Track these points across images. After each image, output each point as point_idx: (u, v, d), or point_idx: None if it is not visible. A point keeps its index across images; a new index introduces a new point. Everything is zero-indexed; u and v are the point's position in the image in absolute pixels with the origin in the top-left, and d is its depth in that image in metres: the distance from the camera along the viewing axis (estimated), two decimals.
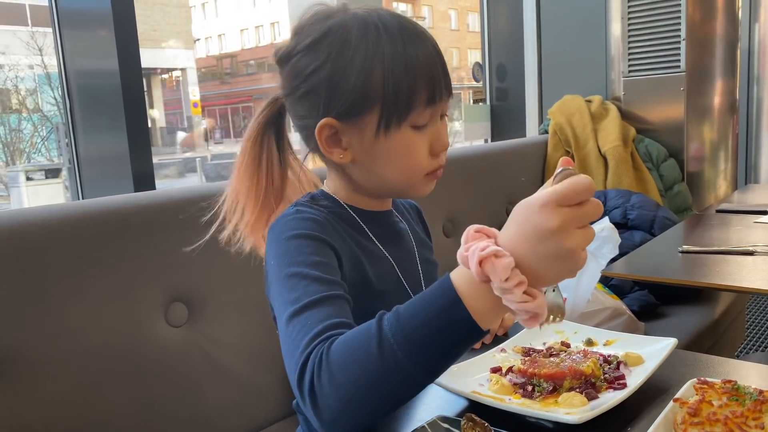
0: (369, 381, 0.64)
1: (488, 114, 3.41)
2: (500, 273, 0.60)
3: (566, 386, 0.73)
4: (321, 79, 0.82)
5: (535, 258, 0.61)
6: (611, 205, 2.24)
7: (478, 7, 3.46)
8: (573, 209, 0.60)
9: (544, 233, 0.60)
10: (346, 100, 0.81)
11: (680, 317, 1.90)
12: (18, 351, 0.98)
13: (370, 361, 0.63)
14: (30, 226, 1.04)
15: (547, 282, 0.62)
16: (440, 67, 0.83)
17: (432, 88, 0.81)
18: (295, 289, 0.75)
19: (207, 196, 1.29)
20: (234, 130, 38.21)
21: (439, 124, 0.86)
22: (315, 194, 0.93)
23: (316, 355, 0.66)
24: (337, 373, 0.64)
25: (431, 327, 0.63)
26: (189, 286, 1.21)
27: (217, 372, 1.22)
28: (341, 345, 0.66)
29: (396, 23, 0.83)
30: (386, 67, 0.79)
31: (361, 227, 0.91)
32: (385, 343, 0.63)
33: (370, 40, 0.80)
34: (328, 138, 0.85)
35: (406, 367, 0.63)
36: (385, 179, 0.87)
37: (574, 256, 0.61)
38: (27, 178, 6.55)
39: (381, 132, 0.82)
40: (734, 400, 0.64)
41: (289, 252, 0.79)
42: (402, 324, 0.64)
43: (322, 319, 0.70)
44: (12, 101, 12.47)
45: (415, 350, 0.63)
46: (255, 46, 37.34)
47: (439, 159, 0.87)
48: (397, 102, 0.80)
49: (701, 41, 2.62)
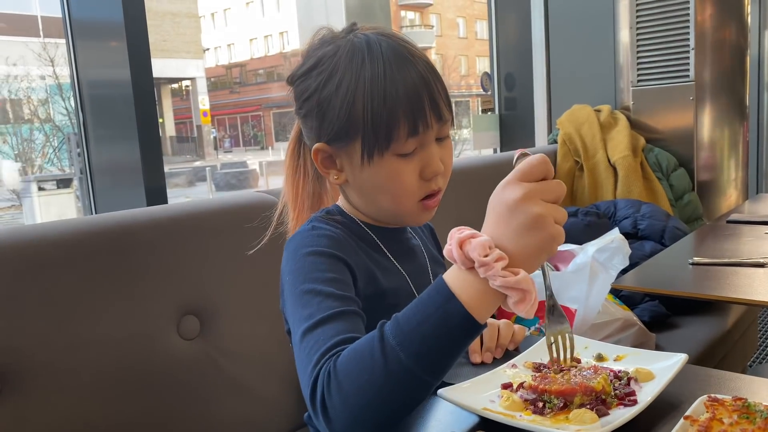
0: (376, 386, 0.66)
1: (497, 123, 3.41)
2: (478, 249, 0.65)
3: (577, 402, 0.73)
4: (312, 105, 0.86)
5: (509, 233, 0.66)
6: (621, 215, 2.24)
7: (486, 14, 3.47)
8: (534, 183, 0.66)
9: (511, 205, 0.66)
10: (333, 128, 0.84)
11: (692, 328, 1.89)
12: (31, 364, 0.99)
13: (375, 367, 0.65)
14: (43, 240, 1.05)
15: (528, 259, 0.67)
16: (426, 94, 0.82)
17: (413, 119, 0.81)
18: (309, 305, 0.76)
19: (218, 209, 1.32)
20: (243, 139, 38.41)
21: (433, 148, 0.85)
22: (330, 209, 0.94)
23: (325, 370, 0.68)
24: (345, 383, 0.66)
25: (429, 324, 0.66)
26: (201, 298, 1.22)
27: (229, 384, 1.22)
28: (347, 356, 0.68)
29: (388, 48, 0.83)
30: (365, 100, 0.81)
31: (375, 242, 0.92)
32: (387, 348, 0.65)
33: (354, 70, 0.82)
34: (324, 159, 0.89)
35: (410, 367, 0.65)
36: (378, 204, 0.89)
37: (545, 223, 0.65)
38: (39, 188, 6.61)
39: (366, 161, 0.83)
40: (745, 417, 0.64)
41: (304, 268, 0.81)
42: (401, 326, 0.66)
43: (334, 335, 0.72)
44: (24, 111, 12.61)
45: (416, 349, 0.65)
46: (264, 55, 37.57)
47: (431, 183, 0.86)
48: (376, 134, 0.81)
49: (710, 50, 2.61)
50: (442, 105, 0.84)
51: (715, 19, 2.61)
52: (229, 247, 1.27)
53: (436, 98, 0.83)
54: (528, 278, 0.66)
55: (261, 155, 27.37)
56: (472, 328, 0.67)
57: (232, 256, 1.27)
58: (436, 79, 0.85)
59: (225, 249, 1.27)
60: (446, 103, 0.86)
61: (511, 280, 0.64)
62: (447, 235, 0.72)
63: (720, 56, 2.65)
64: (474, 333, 0.68)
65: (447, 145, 0.88)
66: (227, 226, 1.29)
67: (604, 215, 2.24)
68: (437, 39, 36.13)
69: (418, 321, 0.66)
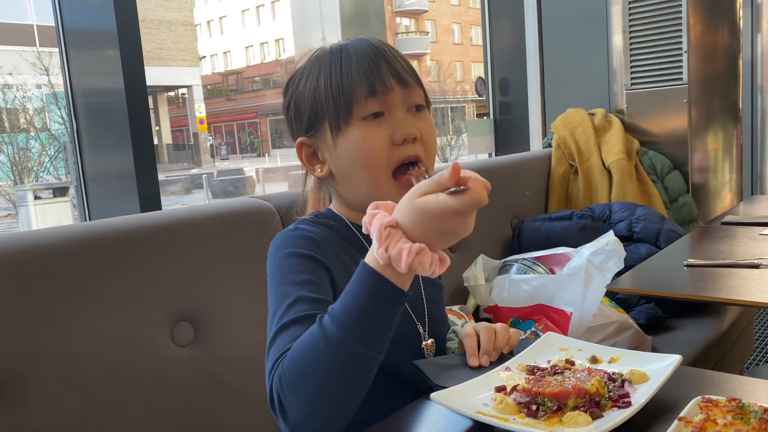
0: (322, 371, 0.69)
1: (492, 128, 3.42)
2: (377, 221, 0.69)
3: (571, 405, 0.73)
4: (291, 110, 0.94)
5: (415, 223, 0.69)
6: (616, 217, 2.24)
7: (480, 21, 3.48)
8: None
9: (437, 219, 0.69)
10: (305, 119, 0.91)
11: (688, 330, 1.89)
12: (25, 372, 0.98)
13: (318, 352, 0.69)
14: (36, 248, 1.04)
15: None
16: (384, 63, 0.87)
17: (370, 81, 0.86)
18: (280, 307, 0.80)
19: (211, 215, 1.31)
20: (240, 146, 38.40)
21: (402, 116, 0.88)
22: (320, 213, 0.96)
23: (277, 372, 0.72)
24: (294, 381, 0.70)
25: (357, 298, 0.70)
26: (195, 305, 1.21)
27: (223, 391, 1.22)
28: (293, 352, 0.72)
29: (353, 43, 0.90)
30: (326, 80, 0.88)
31: (361, 244, 0.93)
32: (325, 331, 0.69)
33: (317, 64, 0.90)
34: (308, 156, 0.94)
35: (350, 344, 0.68)
36: (355, 183, 0.91)
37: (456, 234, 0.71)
38: (35, 197, 6.59)
39: (335, 134, 0.88)
40: (739, 418, 0.64)
41: (281, 270, 0.85)
42: (334, 311, 0.71)
43: (294, 338, 0.75)
44: (20, 120, 12.60)
45: (351, 324, 0.69)
46: (260, 62, 37.64)
47: (405, 149, 0.87)
48: (336, 103, 0.87)
49: (703, 53, 2.62)
50: (403, 71, 0.89)
51: (708, 22, 2.62)
52: (223, 254, 1.27)
53: (394, 64, 0.88)
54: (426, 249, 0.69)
55: (258, 162, 27.39)
56: (395, 293, 0.70)
57: (226, 263, 1.27)
58: (396, 53, 0.90)
59: (219, 255, 1.26)
60: (409, 72, 0.90)
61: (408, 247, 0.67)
62: None
63: (713, 59, 2.66)
64: (398, 298, 0.71)
65: (425, 117, 0.91)
66: (221, 233, 1.28)
67: (599, 218, 2.24)
68: (432, 45, 36.23)
69: (347, 299, 0.71)
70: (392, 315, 0.72)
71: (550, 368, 0.85)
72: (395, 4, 35.43)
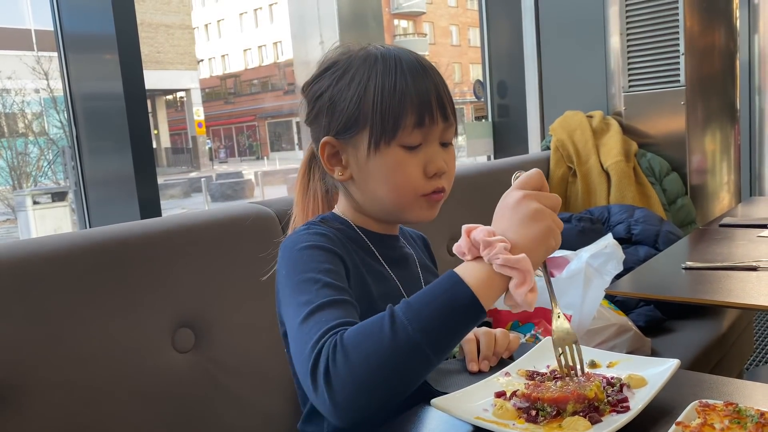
0: (383, 357, 0.68)
1: (490, 130, 3.43)
2: (483, 233, 0.73)
3: (570, 410, 0.73)
4: (324, 102, 0.91)
5: (511, 225, 0.74)
6: (615, 220, 2.24)
7: (478, 22, 3.49)
8: (532, 190, 0.76)
9: (512, 204, 0.75)
10: (342, 120, 0.89)
11: (687, 332, 1.89)
12: (25, 379, 0.99)
13: (383, 339, 0.69)
14: (37, 256, 1.05)
15: (528, 245, 0.73)
16: (435, 95, 0.87)
17: (420, 111, 0.86)
18: (308, 292, 0.79)
19: (211, 221, 1.31)
20: (238, 149, 38.40)
21: (436, 149, 0.89)
22: (326, 216, 0.96)
23: (330, 343, 0.71)
24: (352, 353, 0.69)
25: (438, 302, 0.71)
26: (195, 311, 1.22)
27: (224, 397, 1.22)
28: (355, 330, 0.71)
29: (405, 58, 0.89)
30: (376, 91, 0.86)
31: (369, 247, 0.93)
32: (397, 321, 0.69)
33: (368, 68, 0.88)
34: (330, 156, 0.92)
35: (417, 340, 0.68)
36: (379, 197, 0.91)
37: (543, 214, 0.74)
38: (34, 202, 6.58)
39: (372, 149, 0.87)
40: (736, 422, 0.64)
41: (302, 260, 0.84)
42: (411, 305, 0.71)
43: (334, 318, 0.75)
44: (18, 125, 12.59)
45: (424, 325, 0.69)
46: (258, 65, 37.64)
47: (434, 182, 0.89)
48: (384, 122, 0.86)
49: (700, 54, 2.63)
50: (448, 107, 0.89)
51: (704, 23, 2.63)
52: (224, 259, 1.27)
53: (443, 98, 0.89)
54: (528, 260, 0.71)
55: (256, 165, 27.38)
56: (477, 310, 0.71)
57: (227, 268, 1.27)
58: (444, 84, 0.91)
59: (219, 261, 1.27)
60: (452, 107, 0.91)
61: (512, 259, 0.71)
62: (440, 244, 0.76)
63: (710, 60, 2.66)
64: (478, 315, 0.72)
65: (451, 151, 0.93)
66: (221, 239, 1.29)
67: (597, 221, 2.24)
68: (430, 47, 36.25)
69: (426, 301, 0.71)
70: (467, 329, 0.74)
71: (549, 373, 0.85)
72: (393, 6, 35.47)
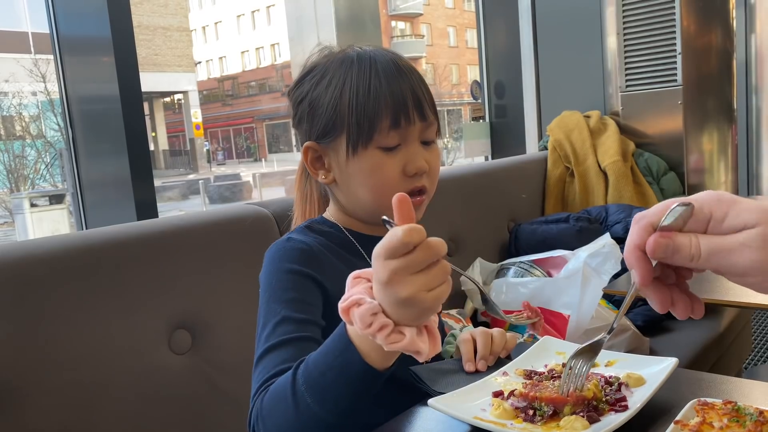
0: (291, 428, 0.71)
1: (488, 131, 3.43)
2: (359, 321, 0.63)
3: (568, 410, 0.73)
4: (305, 107, 0.92)
5: (386, 304, 0.62)
6: (613, 219, 2.24)
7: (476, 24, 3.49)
8: (400, 260, 0.60)
9: (380, 287, 0.62)
10: (320, 124, 0.90)
11: (685, 331, 1.89)
12: (22, 381, 0.98)
13: (288, 411, 0.71)
14: (33, 257, 1.04)
15: (410, 323, 0.63)
16: (410, 92, 0.87)
17: (395, 112, 0.86)
18: (267, 325, 0.82)
19: (208, 222, 1.31)
20: (236, 151, 38.39)
21: (416, 149, 0.89)
22: (314, 221, 0.97)
23: (257, 406, 0.75)
24: (268, 421, 0.73)
25: (333, 372, 0.68)
26: (192, 313, 1.21)
27: (221, 398, 1.22)
28: (269, 395, 0.74)
29: (380, 59, 0.89)
30: (351, 94, 0.87)
31: (357, 250, 0.94)
32: (297, 393, 0.70)
33: (344, 72, 0.89)
34: (313, 160, 0.94)
35: (318, 413, 0.69)
36: (361, 199, 0.92)
37: (416, 302, 0.61)
38: (31, 205, 6.57)
39: (350, 153, 0.88)
40: (735, 421, 0.64)
41: (271, 286, 0.86)
42: (309, 371, 0.70)
43: (277, 363, 0.78)
44: (16, 128, 12.57)
45: (322, 396, 0.69)
46: (256, 67, 37.63)
47: (414, 180, 0.89)
48: (359, 126, 0.87)
49: (697, 54, 2.63)
50: (426, 105, 0.89)
51: (701, 23, 2.64)
52: (221, 261, 1.27)
53: (420, 97, 0.88)
54: (414, 340, 0.62)
55: (254, 167, 27.38)
56: (372, 375, 0.67)
57: (224, 270, 1.27)
58: (422, 83, 0.90)
59: (216, 262, 1.26)
60: (431, 105, 0.90)
61: (398, 347, 0.62)
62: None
63: (707, 60, 2.67)
64: (376, 379, 0.68)
65: (434, 149, 0.92)
66: (218, 240, 1.28)
67: (595, 220, 2.24)
68: (428, 48, 36.29)
69: (322, 368, 0.69)
70: (368, 391, 0.70)
71: (547, 372, 0.85)
72: (390, 8, 35.50)
